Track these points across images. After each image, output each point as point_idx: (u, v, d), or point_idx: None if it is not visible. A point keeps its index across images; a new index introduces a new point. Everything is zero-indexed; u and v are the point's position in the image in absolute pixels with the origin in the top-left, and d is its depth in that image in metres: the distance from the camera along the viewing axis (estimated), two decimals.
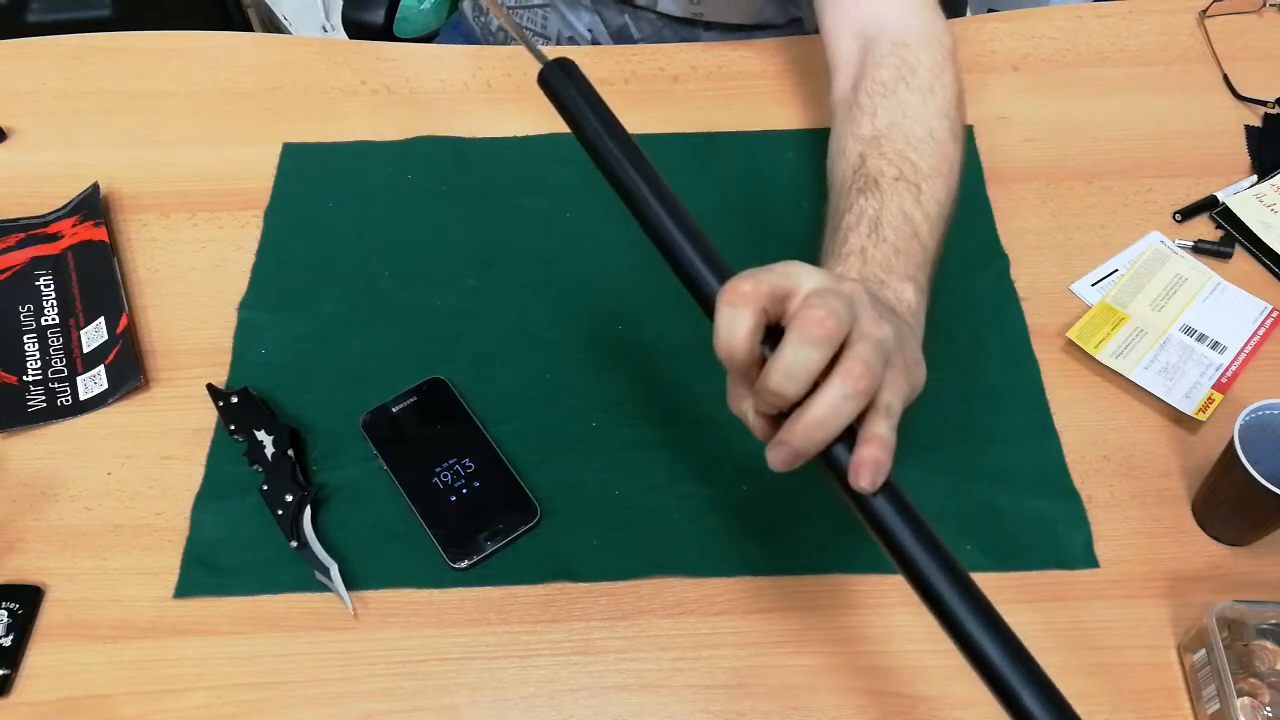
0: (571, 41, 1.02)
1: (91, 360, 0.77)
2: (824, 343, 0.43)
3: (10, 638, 0.64)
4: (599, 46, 1.01)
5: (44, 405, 0.75)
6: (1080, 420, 0.73)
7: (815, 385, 0.44)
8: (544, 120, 0.91)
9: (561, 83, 0.55)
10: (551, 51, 0.97)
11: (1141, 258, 0.81)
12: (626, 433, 0.73)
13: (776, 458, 0.45)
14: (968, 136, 0.89)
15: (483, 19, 1.08)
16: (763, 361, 0.45)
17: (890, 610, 0.65)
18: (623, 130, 0.54)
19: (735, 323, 0.44)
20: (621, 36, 1.01)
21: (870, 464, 0.43)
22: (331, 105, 0.94)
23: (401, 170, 0.89)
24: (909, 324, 0.53)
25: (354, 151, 0.90)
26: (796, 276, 0.45)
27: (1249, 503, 0.63)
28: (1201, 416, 0.71)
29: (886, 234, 0.60)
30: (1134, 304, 0.78)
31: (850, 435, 0.45)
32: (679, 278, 0.50)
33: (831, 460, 0.45)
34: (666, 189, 0.52)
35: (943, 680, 0.63)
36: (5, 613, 0.65)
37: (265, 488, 0.69)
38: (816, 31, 1.01)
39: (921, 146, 0.66)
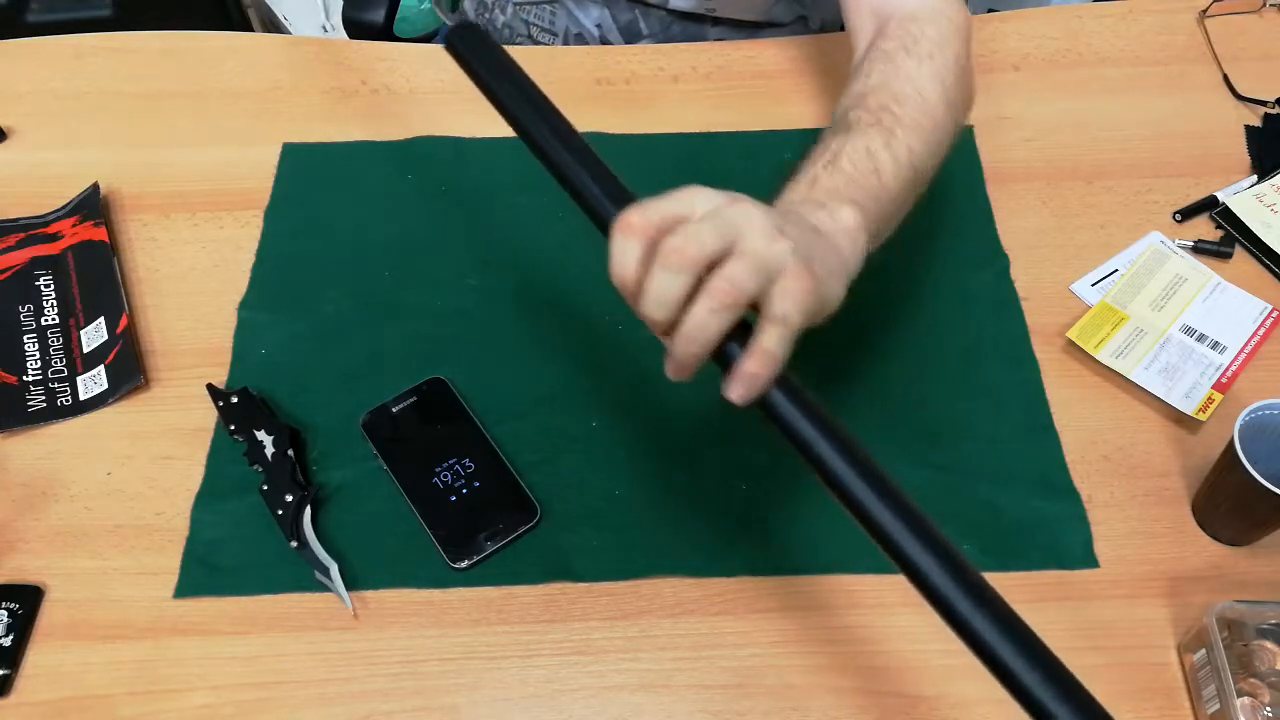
0: (579, 39, 1.02)
1: (91, 360, 0.77)
2: (682, 269, 0.45)
3: (10, 638, 0.64)
4: (600, 46, 1.01)
5: (44, 405, 0.75)
6: (1080, 420, 0.73)
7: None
8: None
9: (468, 44, 0.58)
10: (557, 50, 0.98)
11: (1141, 258, 0.81)
12: (626, 433, 0.73)
13: (667, 369, 0.48)
14: (968, 137, 0.89)
15: (487, 15, 1.08)
16: None
17: (890, 610, 0.65)
18: (526, 80, 0.57)
19: (625, 253, 0.46)
20: (630, 32, 1.01)
21: (743, 377, 0.46)
22: (331, 105, 0.94)
23: (401, 170, 0.89)
24: (833, 243, 0.54)
25: (354, 151, 0.90)
26: (689, 204, 0.47)
27: (1249, 503, 0.63)
28: (1201, 416, 0.71)
29: (843, 165, 0.60)
30: (1134, 304, 0.78)
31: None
32: (582, 210, 0.53)
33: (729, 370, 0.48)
34: (569, 129, 0.55)
35: (942, 680, 0.63)
36: (5, 613, 0.65)
37: (265, 488, 0.69)
38: (821, 30, 1.01)
39: (906, 101, 0.66)
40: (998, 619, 0.44)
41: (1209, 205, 0.85)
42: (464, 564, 0.67)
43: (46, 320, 0.80)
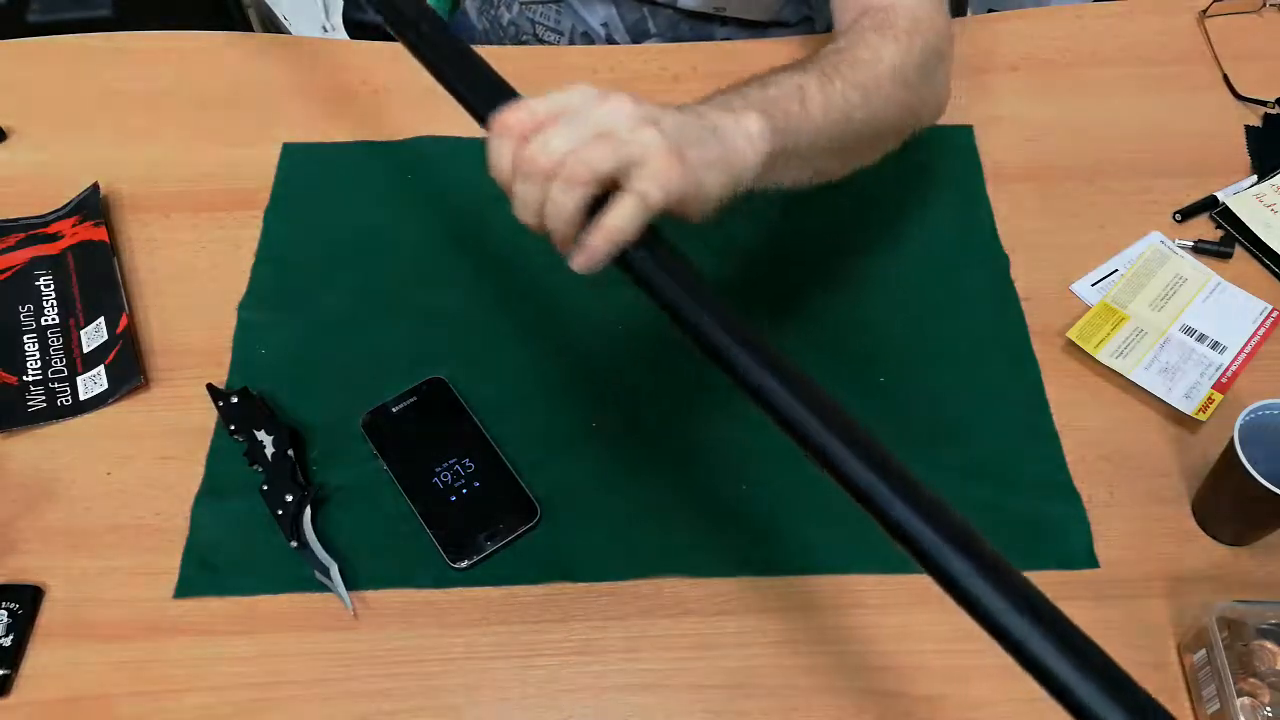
0: (585, 38, 1.02)
1: (91, 360, 0.77)
2: (537, 177, 0.49)
3: (10, 638, 0.64)
4: (603, 46, 1.01)
5: (44, 405, 0.75)
6: (1080, 420, 0.73)
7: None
8: None
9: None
10: (560, 50, 0.98)
11: (1141, 258, 0.81)
12: (626, 432, 0.73)
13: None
14: (967, 137, 0.89)
15: (492, 12, 1.08)
16: None
17: (891, 610, 0.65)
18: (433, 16, 0.63)
19: (498, 153, 0.51)
20: (637, 31, 1.01)
21: (583, 249, 0.50)
22: (331, 105, 0.94)
23: (401, 170, 0.89)
24: (722, 138, 0.55)
25: (354, 151, 0.90)
26: (564, 101, 0.50)
27: (1249, 503, 0.63)
28: (1201, 416, 0.71)
29: (770, 91, 0.62)
30: (1134, 304, 0.78)
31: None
32: (464, 108, 0.57)
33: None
34: (463, 46, 0.60)
35: (944, 680, 0.63)
36: (5, 613, 0.65)
37: (265, 488, 0.69)
38: (827, 30, 1.01)
39: (858, 64, 0.67)
40: (904, 493, 0.43)
41: (1209, 205, 0.85)
42: (464, 564, 0.67)
43: (46, 320, 0.80)
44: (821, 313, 0.79)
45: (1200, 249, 0.82)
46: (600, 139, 0.49)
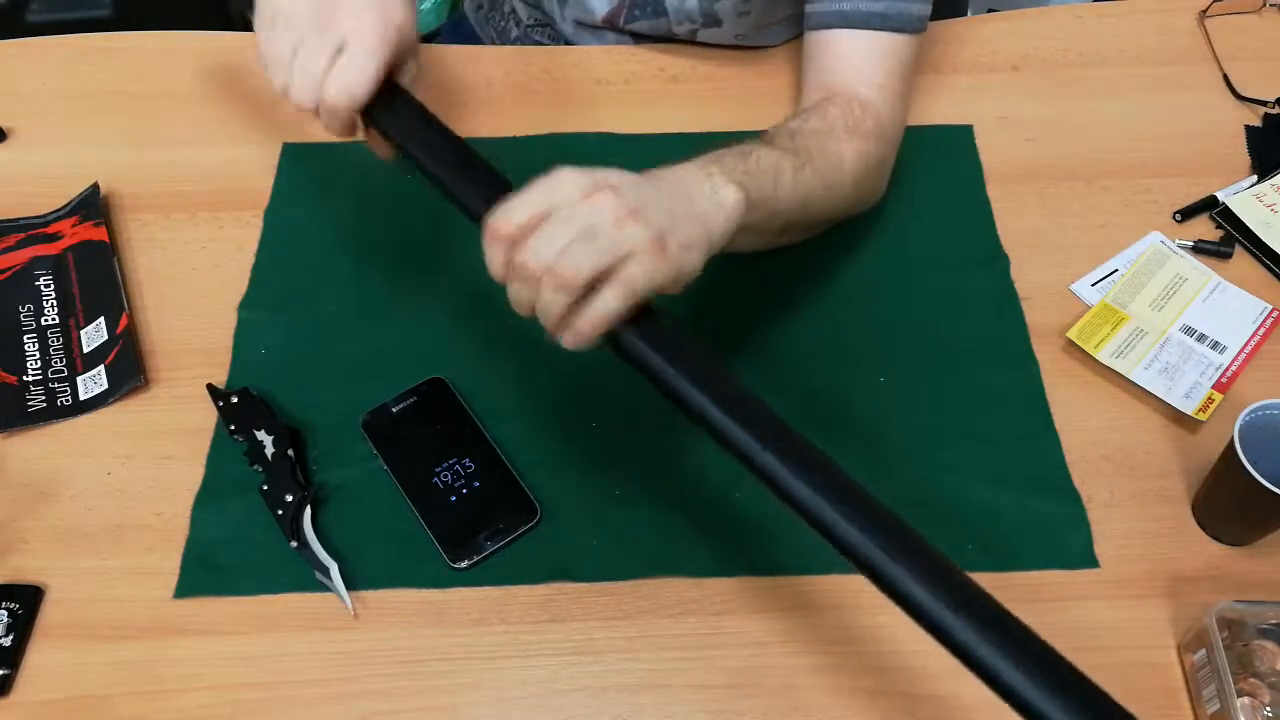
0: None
1: (91, 360, 0.77)
2: (529, 282, 0.52)
3: (10, 638, 0.64)
4: (600, 46, 1.01)
5: (44, 405, 0.75)
6: (1080, 420, 0.73)
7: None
8: (544, 120, 0.91)
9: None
10: (557, 50, 0.97)
11: (1141, 258, 0.81)
12: (627, 433, 0.73)
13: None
14: (968, 136, 0.89)
15: (500, 23, 1.08)
16: None
17: (891, 610, 0.65)
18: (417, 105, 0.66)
19: (492, 259, 0.53)
20: None
21: (573, 331, 0.53)
22: None
23: (402, 170, 0.88)
24: (699, 213, 0.57)
25: (354, 151, 0.90)
26: (550, 199, 0.52)
27: (1249, 503, 0.63)
28: (1201, 416, 0.71)
29: (750, 163, 0.64)
30: (1134, 304, 0.78)
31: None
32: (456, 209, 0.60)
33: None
34: (437, 123, 0.62)
35: (944, 680, 0.63)
36: (5, 613, 0.65)
37: (265, 488, 0.69)
38: None
39: (827, 156, 0.71)
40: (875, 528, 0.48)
41: (1209, 205, 0.85)
42: (464, 564, 0.67)
43: (46, 320, 0.80)
44: (821, 312, 0.79)
45: (1200, 249, 0.82)
46: (585, 240, 0.51)
